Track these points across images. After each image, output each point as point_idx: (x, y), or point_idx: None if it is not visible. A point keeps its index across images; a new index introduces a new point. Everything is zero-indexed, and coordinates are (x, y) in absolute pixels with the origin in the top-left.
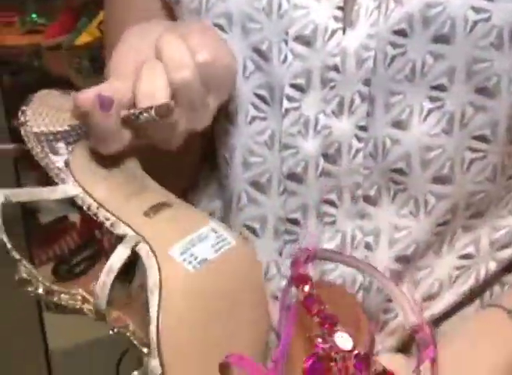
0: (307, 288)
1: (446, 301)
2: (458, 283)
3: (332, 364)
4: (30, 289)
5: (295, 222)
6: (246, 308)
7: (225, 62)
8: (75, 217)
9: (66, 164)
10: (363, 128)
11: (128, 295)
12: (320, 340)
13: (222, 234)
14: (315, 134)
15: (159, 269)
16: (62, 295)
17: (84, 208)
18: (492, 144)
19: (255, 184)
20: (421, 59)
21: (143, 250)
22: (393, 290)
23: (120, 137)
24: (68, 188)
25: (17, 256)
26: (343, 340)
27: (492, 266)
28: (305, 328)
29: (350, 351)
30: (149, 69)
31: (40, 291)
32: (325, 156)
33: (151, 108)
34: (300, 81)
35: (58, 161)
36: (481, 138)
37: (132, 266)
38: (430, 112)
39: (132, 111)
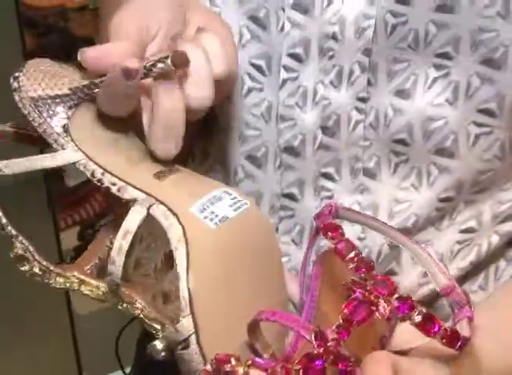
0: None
1: None
2: (459, 257)
3: (374, 308)
4: (25, 268)
5: (291, 197)
6: (267, 272)
7: (234, 69)
8: None
9: (65, 129)
10: (363, 99)
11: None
12: (357, 285)
13: (236, 196)
14: (313, 106)
15: (182, 226)
16: (58, 278)
17: (87, 174)
18: (499, 119)
19: (251, 159)
20: (424, 28)
21: (158, 211)
22: (419, 252)
23: (132, 97)
24: (68, 154)
25: (13, 232)
26: (383, 283)
27: (495, 239)
28: (334, 280)
29: (391, 294)
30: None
31: (37, 270)
32: (324, 129)
33: (167, 57)
34: (299, 51)
35: (57, 126)
36: (487, 112)
37: None
38: (435, 80)
39: (145, 62)
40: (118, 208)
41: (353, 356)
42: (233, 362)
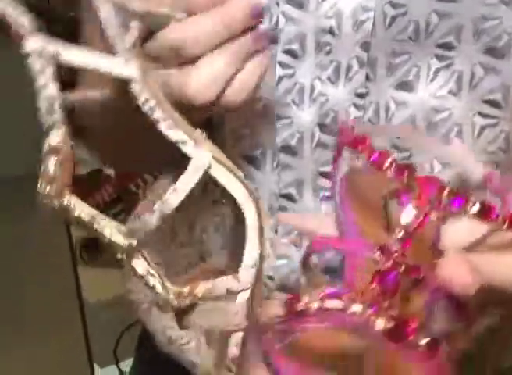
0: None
1: None
2: None
3: (428, 209)
4: (54, 160)
5: (289, 197)
6: None
7: None
8: (110, 171)
9: (134, 45)
10: (361, 95)
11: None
12: (403, 191)
13: None
14: (311, 103)
15: (243, 183)
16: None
17: (141, 99)
18: (504, 110)
19: (248, 159)
20: (425, 19)
21: (216, 165)
22: (445, 148)
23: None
24: (131, 68)
25: (60, 117)
26: (429, 182)
27: None
28: (365, 198)
29: (441, 192)
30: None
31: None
32: (321, 126)
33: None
34: (294, 46)
35: (128, 38)
36: (493, 103)
37: None
38: (438, 71)
39: None
40: (128, 197)
41: None
42: (306, 299)
